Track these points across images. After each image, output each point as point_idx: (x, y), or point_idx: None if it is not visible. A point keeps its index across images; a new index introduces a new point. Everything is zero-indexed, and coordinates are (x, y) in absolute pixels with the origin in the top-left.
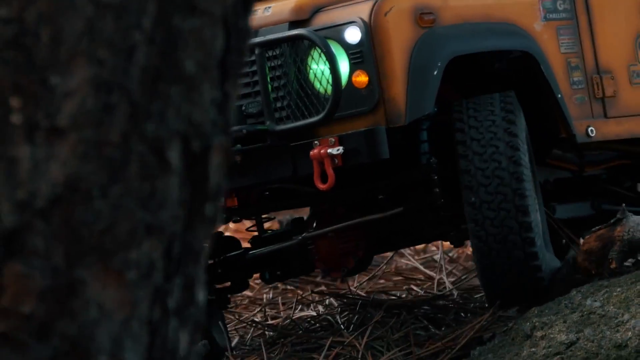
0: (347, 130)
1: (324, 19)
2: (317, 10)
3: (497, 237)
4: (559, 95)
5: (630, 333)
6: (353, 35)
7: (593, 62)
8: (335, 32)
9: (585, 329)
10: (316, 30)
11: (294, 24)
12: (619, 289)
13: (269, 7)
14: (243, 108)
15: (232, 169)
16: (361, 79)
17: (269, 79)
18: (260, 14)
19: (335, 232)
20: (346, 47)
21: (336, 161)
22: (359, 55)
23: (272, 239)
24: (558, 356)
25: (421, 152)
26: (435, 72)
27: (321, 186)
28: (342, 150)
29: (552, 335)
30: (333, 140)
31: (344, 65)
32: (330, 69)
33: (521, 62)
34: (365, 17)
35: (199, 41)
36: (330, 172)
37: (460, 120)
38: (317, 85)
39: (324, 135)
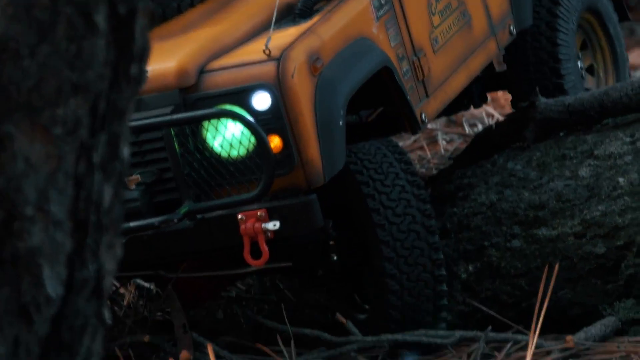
0: (267, 197)
1: (217, 82)
2: (202, 71)
3: (410, 275)
4: (408, 98)
5: (547, 195)
6: (262, 101)
7: (410, 46)
8: (238, 97)
9: (505, 190)
10: (215, 97)
11: (183, 91)
12: (538, 154)
13: (146, 70)
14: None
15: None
16: (275, 144)
17: (179, 155)
18: None
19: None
20: (254, 113)
21: (269, 235)
22: (269, 121)
23: None
24: (479, 216)
25: None
26: (340, 123)
27: (253, 262)
28: (279, 226)
29: (473, 197)
30: (262, 214)
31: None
32: (259, 143)
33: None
34: (273, 81)
35: None
36: (264, 248)
37: (355, 163)
38: (233, 154)
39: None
